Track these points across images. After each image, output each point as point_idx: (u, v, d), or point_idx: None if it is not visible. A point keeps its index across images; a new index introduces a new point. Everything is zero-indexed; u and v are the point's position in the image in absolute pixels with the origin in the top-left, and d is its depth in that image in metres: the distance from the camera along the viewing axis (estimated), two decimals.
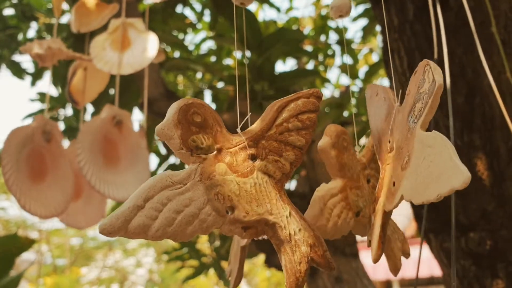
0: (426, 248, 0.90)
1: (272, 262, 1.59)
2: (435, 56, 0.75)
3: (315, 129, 0.45)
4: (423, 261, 0.72)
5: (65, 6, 1.42)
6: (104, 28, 0.91)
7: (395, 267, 0.52)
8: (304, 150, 0.44)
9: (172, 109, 0.40)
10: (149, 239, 0.38)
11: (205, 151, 0.41)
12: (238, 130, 0.44)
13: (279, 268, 1.60)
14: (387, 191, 0.44)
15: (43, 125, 0.83)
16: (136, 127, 0.90)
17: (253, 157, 0.43)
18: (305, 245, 0.41)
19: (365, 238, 0.51)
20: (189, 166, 0.41)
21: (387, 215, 0.45)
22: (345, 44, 2.00)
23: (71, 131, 1.63)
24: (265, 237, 0.42)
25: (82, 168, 0.80)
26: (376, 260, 0.45)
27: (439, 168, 0.36)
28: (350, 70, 1.98)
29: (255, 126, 0.44)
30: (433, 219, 0.86)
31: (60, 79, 1.46)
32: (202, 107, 0.42)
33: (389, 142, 0.45)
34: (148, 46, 0.82)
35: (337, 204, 0.48)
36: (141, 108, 1.62)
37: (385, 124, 0.47)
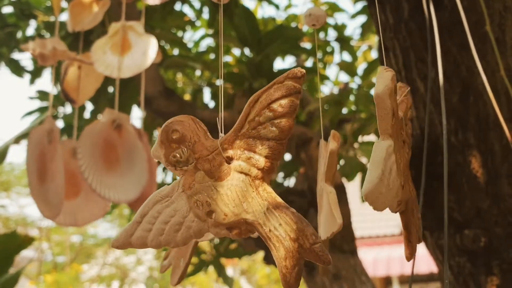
0: (423, 245, 0.90)
1: (271, 259, 1.59)
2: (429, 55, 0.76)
3: (294, 114, 0.42)
4: (422, 257, 0.73)
5: (63, 3, 1.42)
6: (99, 26, 0.91)
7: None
8: (281, 139, 0.43)
9: (159, 133, 0.45)
10: (149, 247, 0.44)
11: (185, 164, 0.44)
12: (221, 134, 0.45)
13: None
14: None
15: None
16: (135, 127, 0.90)
17: (229, 159, 0.44)
18: (288, 240, 0.41)
19: (364, 235, 0.52)
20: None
21: (405, 214, 0.45)
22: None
23: (71, 129, 1.63)
24: (254, 235, 0.43)
25: (83, 172, 0.82)
26: (408, 258, 0.45)
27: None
28: (348, 68, 1.97)
29: (232, 128, 0.45)
30: (428, 217, 0.86)
31: (58, 77, 1.46)
32: (181, 124, 0.44)
33: None
34: (148, 50, 0.83)
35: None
36: (140, 106, 1.62)
37: None
